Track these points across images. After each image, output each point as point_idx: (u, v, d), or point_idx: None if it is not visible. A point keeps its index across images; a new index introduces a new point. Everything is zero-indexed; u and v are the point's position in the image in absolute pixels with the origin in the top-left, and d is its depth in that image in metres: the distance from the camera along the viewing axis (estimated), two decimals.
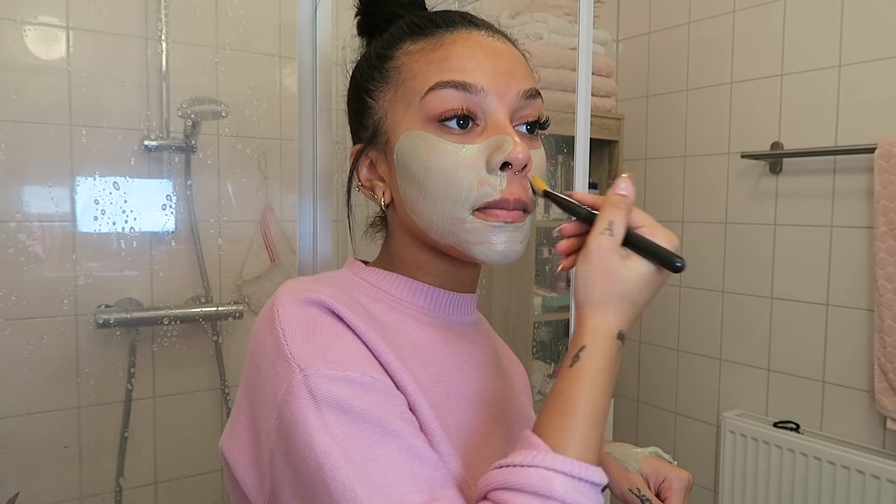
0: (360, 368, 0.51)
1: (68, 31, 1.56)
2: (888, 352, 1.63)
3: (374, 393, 0.50)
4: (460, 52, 0.58)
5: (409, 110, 0.59)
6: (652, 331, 2.33)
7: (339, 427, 0.48)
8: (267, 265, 1.82)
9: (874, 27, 1.71)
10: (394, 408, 0.51)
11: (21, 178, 1.54)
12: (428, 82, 0.57)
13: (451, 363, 0.62)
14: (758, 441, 1.90)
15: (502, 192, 0.56)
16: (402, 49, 0.61)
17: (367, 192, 0.66)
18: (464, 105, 0.57)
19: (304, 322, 0.53)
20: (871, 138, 1.68)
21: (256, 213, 1.82)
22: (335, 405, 0.49)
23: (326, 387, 0.49)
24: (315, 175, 0.90)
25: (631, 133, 2.34)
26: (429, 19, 0.61)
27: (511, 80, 0.58)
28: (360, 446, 0.48)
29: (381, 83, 0.62)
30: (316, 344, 0.51)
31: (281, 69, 1.83)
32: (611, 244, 0.51)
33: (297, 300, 0.54)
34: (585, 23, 1.17)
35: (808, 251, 1.87)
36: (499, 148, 0.56)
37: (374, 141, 0.63)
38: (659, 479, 0.70)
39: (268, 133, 1.81)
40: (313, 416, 0.48)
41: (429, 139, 0.57)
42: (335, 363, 0.50)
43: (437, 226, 0.59)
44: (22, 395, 1.55)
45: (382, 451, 0.48)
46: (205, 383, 1.79)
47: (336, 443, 0.47)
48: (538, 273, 2.11)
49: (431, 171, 0.57)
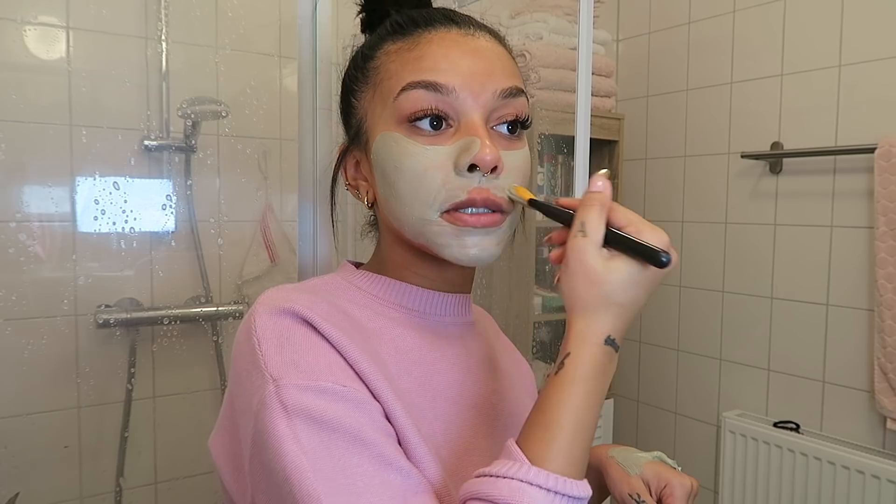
0: (332, 377, 0.51)
1: (68, 31, 1.56)
2: (888, 352, 1.63)
3: (345, 402, 0.50)
4: (435, 51, 0.57)
5: (384, 111, 0.58)
6: (652, 331, 2.33)
7: (308, 437, 0.48)
8: (267, 265, 1.82)
9: (874, 27, 1.71)
10: (366, 416, 0.50)
11: (21, 178, 1.54)
12: (401, 82, 0.57)
13: (438, 366, 0.61)
14: (758, 441, 1.90)
15: (469, 192, 0.55)
16: (382, 49, 0.61)
17: (353, 190, 0.66)
18: (434, 105, 0.56)
19: (278, 333, 0.53)
20: (871, 138, 1.68)
21: (256, 213, 1.82)
22: (305, 415, 0.49)
23: (297, 397, 0.49)
24: (315, 175, 0.90)
25: (631, 133, 2.34)
26: (411, 18, 0.61)
27: (487, 79, 0.57)
28: (330, 456, 0.47)
29: (363, 83, 0.62)
30: (289, 354, 0.51)
31: (281, 69, 1.83)
32: (586, 245, 0.49)
33: (273, 310, 0.54)
34: (585, 23, 1.17)
35: (808, 251, 1.87)
36: (466, 150, 0.55)
37: (356, 140, 0.63)
38: (661, 485, 0.68)
39: (268, 133, 1.81)
40: (283, 426, 0.48)
41: (400, 140, 0.57)
42: (306, 373, 0.50)
43: (408, 227, 0.58)
44: (22, 395, 1.55)
45: (353, 459, 0.48)
46: (205, 383, 1.79)
47: (304, 452, 0.47)
48: (538, 273, 2.11)
49: (402, 172, 0.56)
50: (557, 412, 0.48)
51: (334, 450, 0.48)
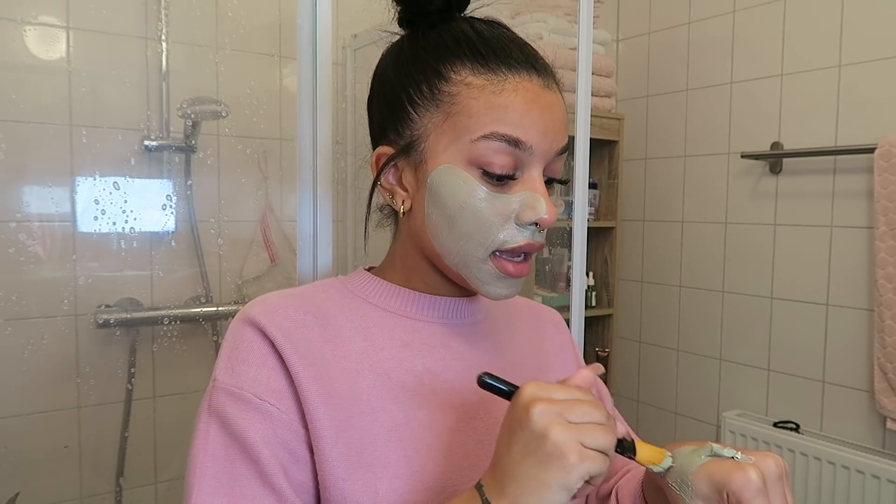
0: (255, 390, 0.55)
1: (68, 31, 1.56)
2: (888, 352, 1.63)
3: (258, 414, 0.55)
4: (520, 104, 0.58)
5: (455, 144, 0.59)
6: (652, 331, 2.33)
7: (215, 437, 0.55)
8: (267, 265, 1.82)
9: (874, 27, 1.71)
10: (270, 434, 0.54)
11: (21, 178, 1.54)
12: (484, 128, 0.58)
13: (406, 365, 0.62)
14: (758, 441, 1.90)
15: (527, 241, 0.60)
16: (460, 76, 0.59)
17: (386, 194, 0.65)
18: (512, 163, 0.58)
19: (233, 339, 0.59)
20: (871, 138, 1.68)
21: (256, 213, 1.82)
22: (220, 417, 0.55)
23: (220, 400, 0.56)
24: (315, 175, 0.90)
25: (631, 133, 2.34)
26: (491, 49, 0.60)
27: (555, 138, 0.60)
28: (225, 458, 0.54)
29: (430, 102, 0.60)
30: (232, 360, 0.57)
31: (281, 69, 1.83)
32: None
33: (241, 317, 0.60)
34: (585, 23, 1.17)
35: (808, 251, 1.87)
36: (532, 208, 0.59)
37: (407, 153, 0.62)
38: (722, 495, 0.51)
39: (268, 133, 1.81)
40: (203, 422, 0.56)
41: (469, 182, 0.58)
42: (236, 379, 0.56)
43: (453, 257, 0.61)
44: (22, 395, 1.55)
45: (241, 469, 0.54)
46: (205, 383, 1.76)
47: (205, 450, 0.54)
48: (538, 273, 2.11)
49: (465, 211, 0.59)
50: None
51: (231, 454, 0.54)
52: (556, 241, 2.15)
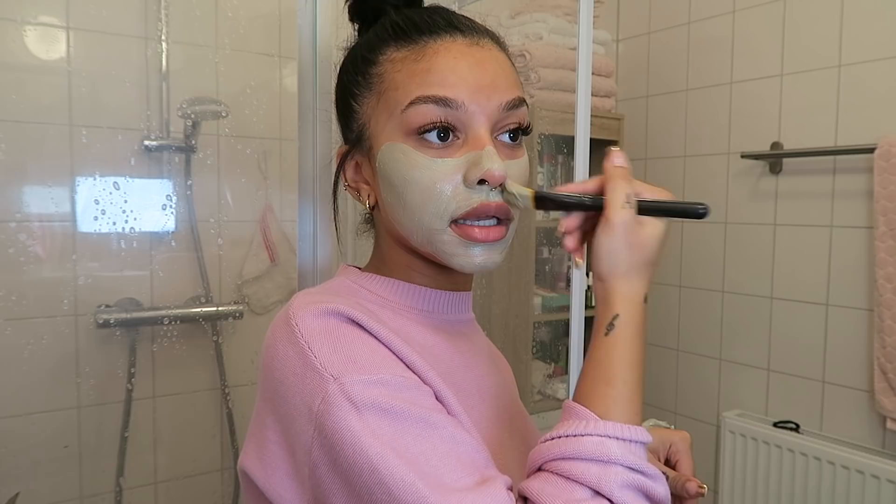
0: (390, 370, 0.53)
1: (68, 31, 1.56)
2: (888, 352, 1.63)
3: (407, 391, 0.52)
4: (442, 64, 0.57)
5: (390, 121, 0.59)
6: (652, 331, 2.33)
7: (383, 428, 0.49)
8: (267, 265, 1.83)
9: (874, 27, 1.71)
10: (427, 401, 0.53)
11: (21, 178, 1.54)
12: (409, 95, 0.57)
13: (457, 362, 0.64)
14: (758, 441, 1.90)
15: (481, 202, 0.57)
16: (385, 55, 0.60)
17: (353, 192, 0.66)
18: (443, 118, 0.57)
19: (328, 332, 0.54)
20: (871, 138, 1.68)
21: (256, 214, 1.82)
22: (375, 408, 0.50)
23: (364, 391, 0.50)
24: (315, 175, 0.90)
25: (631, 133, 2.34)
26: (413, 23, 0.60)
27: (493, 92, 0.58)
28: (405, 443, 0.49)
29: (365, 89, 0.62)
30: (344, 352, 0.53)
31: (281, 69, 1.83)
32: (632, 216, 0.53)
33: (315, 312, 0.55)
34: (585, 23, 1.17)
35: (807, 251, 1.87)
36: (476, 164, 0.57)
37: (358, 145, 0.64)
38: (665, 447, 0.71)
39: (268, 133, 1.81)
40: (356, 421, 0.49)
41: (409, 152, 0.58)
42: (366, 368, 0.52)
43: (416, 235, 0.60)
44: (22, 395, 1.55)
45: (427, 444, 0.50)
46: (205, 383, 1.79)
47: (384, 443, 0.48)
48: (538, 273, 2.11)
49: (410, 183, 0.57)
50: (615, 369, 0.52)
51: (408, 437, 0.49)
52: (556, 241, 2.15)
